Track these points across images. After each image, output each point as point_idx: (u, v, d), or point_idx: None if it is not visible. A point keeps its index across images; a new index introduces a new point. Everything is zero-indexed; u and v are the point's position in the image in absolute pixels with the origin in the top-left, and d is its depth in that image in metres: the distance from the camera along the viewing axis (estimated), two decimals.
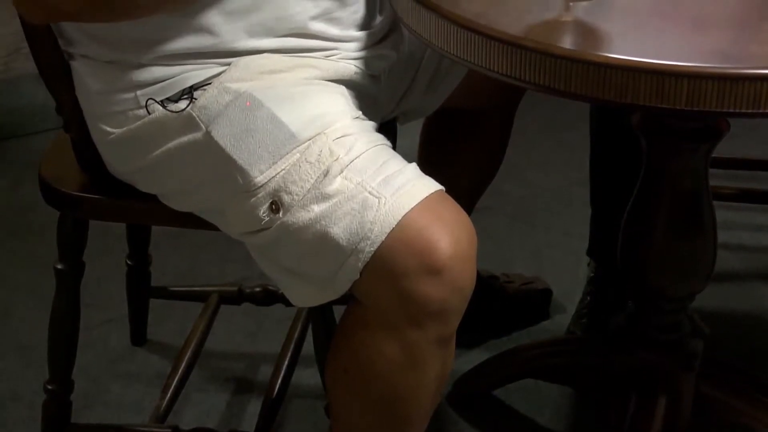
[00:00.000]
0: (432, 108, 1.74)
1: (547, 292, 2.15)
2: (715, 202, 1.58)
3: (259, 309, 1.98)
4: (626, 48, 1.21)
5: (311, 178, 1.32)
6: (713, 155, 1.54)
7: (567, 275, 2.25)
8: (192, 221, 1.50)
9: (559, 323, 2.12)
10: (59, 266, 1.64)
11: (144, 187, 1.51)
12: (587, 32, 1.28)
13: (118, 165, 1.52)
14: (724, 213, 2.07)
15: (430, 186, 1.34)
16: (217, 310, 1.95)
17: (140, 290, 2.02)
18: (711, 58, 1.19)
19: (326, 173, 1.32)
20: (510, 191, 2.57)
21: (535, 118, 2.75)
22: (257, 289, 1.95)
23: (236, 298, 1.97)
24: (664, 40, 1.24)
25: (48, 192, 1.58)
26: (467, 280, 1.31)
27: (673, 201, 1.54)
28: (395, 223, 1.28)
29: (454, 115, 1.81)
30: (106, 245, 2.06)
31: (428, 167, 1.40)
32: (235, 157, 1.35)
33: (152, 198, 1.52)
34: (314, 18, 1.42)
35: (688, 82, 1.15)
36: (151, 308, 2.07)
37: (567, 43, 1.23)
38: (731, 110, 1.16)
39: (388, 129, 1.59)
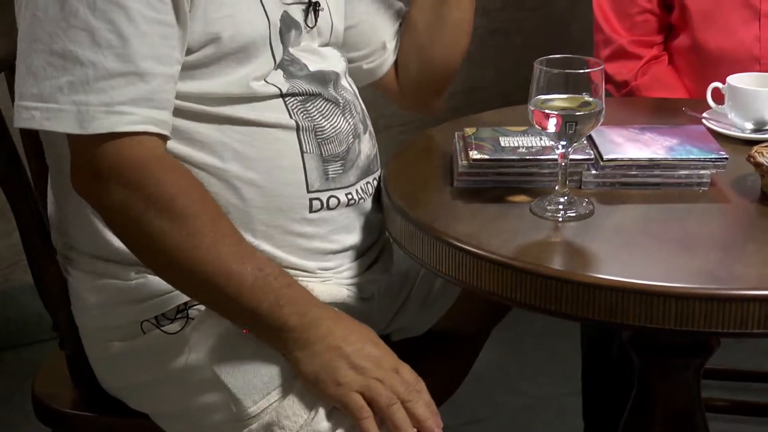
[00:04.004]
0: (426, 326, 1.74)
1: None
2: (708, 414, 1.57)
3: None
4: (614, 268, 1.24)
5: (303, 414, 1.33)
6: (706, 366, 1.55)
7: None
8: None
9: None
10: None
11: (135, 404, 1.51)
12: (576, 253, 1.30)
13: (111, 380, 1.52)
14: (718, 425, 2.06)
15: None
16: None
17: None
18: (698, 279, 1.21)
19: (317, 411, 1.33)
20: (504, 402, 2.56)
21: (528, 328, 2.75)
22: None
23: None
24: (652, 260, 1.26)
25: (40, 409, 1.58)
26: None
27: (666, 418, 1.53)
28: None
29: (428, 334, 1.81)
30: None
31: None
32: (230, 385, 1.36)
33: (143, 415, 1.51)
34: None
35: (676, 302, 1.17)
36: None
37: (556, 263, 1.26)
38: (719, 330, 1.18)
39: None
